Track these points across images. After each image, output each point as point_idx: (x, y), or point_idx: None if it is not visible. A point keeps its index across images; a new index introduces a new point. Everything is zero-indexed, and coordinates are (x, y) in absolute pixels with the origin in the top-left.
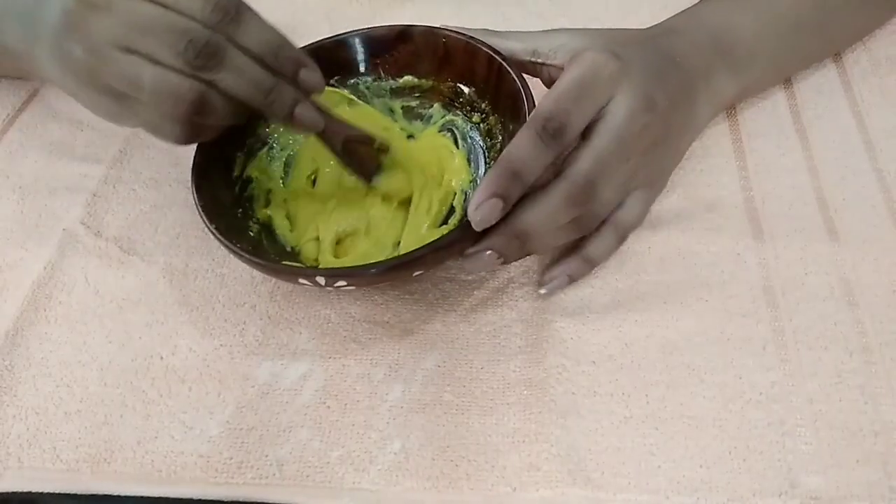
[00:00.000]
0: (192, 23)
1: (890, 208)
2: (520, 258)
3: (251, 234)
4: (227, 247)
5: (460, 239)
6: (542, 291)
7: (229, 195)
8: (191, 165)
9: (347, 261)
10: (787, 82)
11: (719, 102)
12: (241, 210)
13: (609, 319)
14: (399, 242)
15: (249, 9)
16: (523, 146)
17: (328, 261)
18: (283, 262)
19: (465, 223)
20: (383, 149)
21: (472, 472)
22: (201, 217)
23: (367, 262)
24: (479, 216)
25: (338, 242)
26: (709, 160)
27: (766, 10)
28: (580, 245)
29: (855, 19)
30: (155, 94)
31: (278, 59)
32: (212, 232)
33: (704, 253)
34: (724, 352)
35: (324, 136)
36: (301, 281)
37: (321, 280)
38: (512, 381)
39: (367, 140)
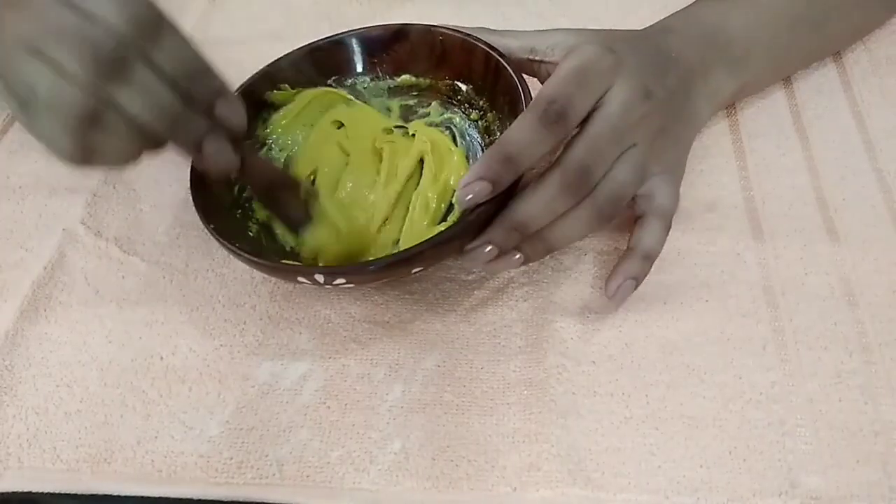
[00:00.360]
0: (102, 32)
1: (890, 208)
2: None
3: (250, 234)
4: (225, 247)
5: (459, 235)
6: (611, 299)
7: (228, 196)
8: (189, 165)
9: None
10: (787, 82)
11: (718, 99)
12: (240, 211)
13: (609, 319)
14: (398, 240)
15: (173, 26)
16: (522, 129)
17: (328, 260)
18: (282, 261)
19: (463, 219)
20: (312, 196)
21: (473, 472)
22: (200, 217)
23: (366, 260)
24: (465, 196)
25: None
26: (709, 160)
27: (761, 8)
28: (632, 245)
29: (853, 17)
30: (47, 103)
31: (193, 86)
32: (210, 232)
33: (704, 253)
34: (724, 352)
35: (243, 177)
36: (300, 279)
37: (320, 278)
38: (512, 381)
39: (292, 185)
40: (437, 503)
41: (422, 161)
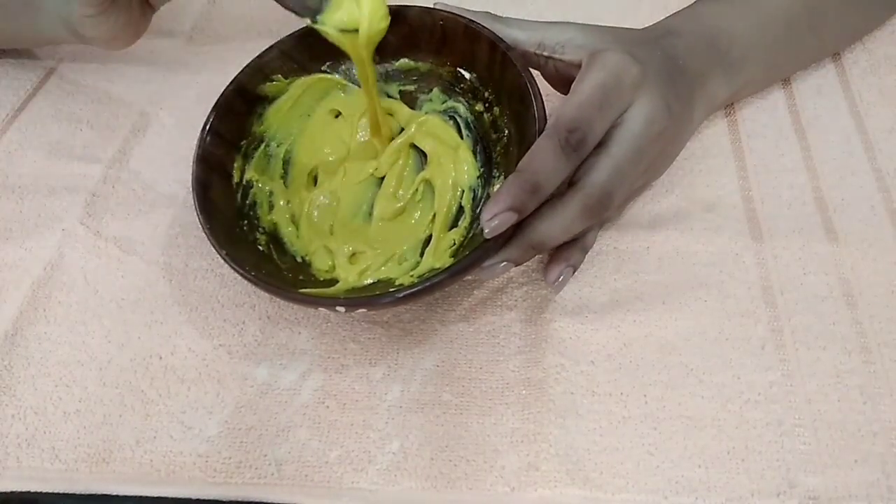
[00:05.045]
0: None
1: (889, 208)
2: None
3: (259, 247)
4: (242, 275)
5: (479, 259)
6: (554, 285)
7: (232, 208)
8: (191, 173)
9: (366, 270)
10: (786, 82)
11: (712, 105)
12: (245, 222)
13: (608, 319)
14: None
15: None
16: (545, 158)
17: (347, 271)
18: (301, 291)
19: (483, 245)
20: None
21: (471, 471)
22: (212, 243)
23: (386, 287)
24: (492, 227)
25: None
26: (708, 160)
27: (759, 11)
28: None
29: (850, 19)
30: None
31: None
32: (224, 259)
33: (703, 253)
34: (723, 352)
35: None
36: (321, 309)
37: (341, 309)
38: (511, 380)
39: None
40: (436, 503)
41: (425, 154)
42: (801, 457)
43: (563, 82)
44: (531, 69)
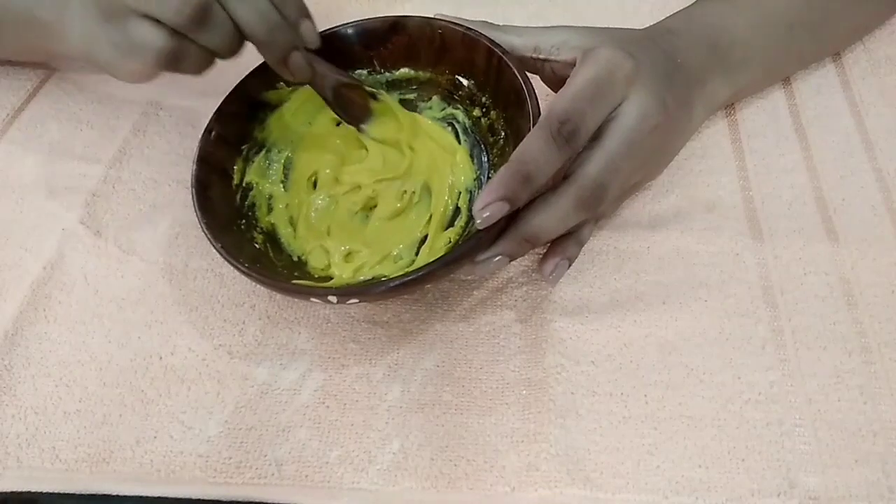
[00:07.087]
0: None
1: (889, 208)
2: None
3: (256, 245)
4: (235, 266)
5: (472, 250)
6: (549, 278)
7: (230, 207)
8: (190, 172)
9: (360, 267)
10: (787, 82)
11: (713, 105)
12: (243, 221)
13: (608, 319)
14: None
15: None
16: (536, 148)
17: (342, 269)
18: (294, 282)
19: (476, 235)
20: (372, 95)
21: (471, 471)
22: (207, 237)
23: (379, 279)
24: (485, 216)
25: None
26: (708, 160)
27: (760, 11)
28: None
29: (851, 19)
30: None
31: (286, 4)
32: (219, 251)
33: (703, 253)
34: (723, 352)
35: (314, 83)
36: (313, 300)
37: (333, 299)
38: (511, 380)
39: (356, 86)
40: (436, 503)
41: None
42: (802, 457)
43: (560, 84)
44: (529, 73)
